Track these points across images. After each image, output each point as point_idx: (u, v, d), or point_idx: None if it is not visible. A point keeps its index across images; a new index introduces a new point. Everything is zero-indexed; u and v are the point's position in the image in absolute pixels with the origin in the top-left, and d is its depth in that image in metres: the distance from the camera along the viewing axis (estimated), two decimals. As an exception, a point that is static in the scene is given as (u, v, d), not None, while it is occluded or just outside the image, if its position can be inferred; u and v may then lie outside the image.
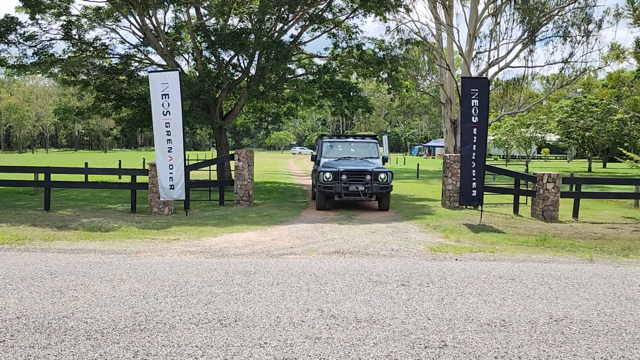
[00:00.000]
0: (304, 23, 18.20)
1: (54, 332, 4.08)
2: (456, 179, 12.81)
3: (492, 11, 23.84)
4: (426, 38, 25.47)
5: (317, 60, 20.47)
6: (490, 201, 14.17)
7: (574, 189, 12.72)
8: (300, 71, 20.57)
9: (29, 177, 14.33)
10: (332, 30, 18.90)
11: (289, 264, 6.64)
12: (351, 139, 14.27)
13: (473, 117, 10.72)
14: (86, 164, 21.20)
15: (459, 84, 24.20)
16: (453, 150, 22.91)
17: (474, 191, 10.93)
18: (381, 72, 18.48)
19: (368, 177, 12.01)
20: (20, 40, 16.87)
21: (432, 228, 10.04)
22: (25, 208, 12.13)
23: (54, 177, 13.02)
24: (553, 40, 27.23)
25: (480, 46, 36.83)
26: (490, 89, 11.97)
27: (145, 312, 4.60)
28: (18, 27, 16.59)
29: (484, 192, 11.53)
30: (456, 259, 7.17)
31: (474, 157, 10.83)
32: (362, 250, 7.72)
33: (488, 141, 34.07)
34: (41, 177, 12.74)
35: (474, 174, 10.86)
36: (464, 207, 12.72)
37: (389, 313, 4.70)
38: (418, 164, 30.22)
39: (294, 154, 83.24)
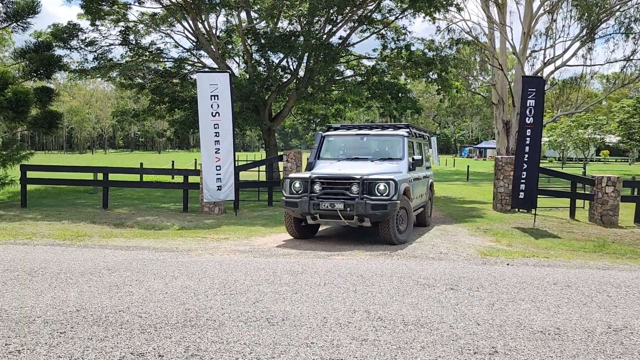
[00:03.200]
0: (352, 24, 18.20)
1: (111, 325, 4.26)
2: (508, 181, 12.44)
3: (548, 8, 23.02)
4: (478, 37, 24.91)
5: (365, 62, 20.42)
6: (545, 205, 13.69)
7: (635, 193, 12.10)
8: (348, 72, 20.59)
9: (89, 176, 14.98)
10: (381, 31, 18.80)
11: (336, 265, 6.65)
12: (365, 131, 9.70)
13: (528, 118, 10.40)
14: (141, 164, 21.98)
15: (512, 84, 23.57)
16: (505, 152, 22.28)
17: (527, 194, 10.59)
18: (430, 73, 18.23)
19: (355, 188, 7.82)
20: (82, 46, 17.70)
21: (482, 231, 9.80)
22: (85, 206, 12.70)
23: (112, 176, 13.57)
24: (614, 37, 26.09)
25: (535, 44, 35.58)
26: (545, 89, 11.33)
27: (196, 309, 4.72)
28: (80, 33, 17.42)
29: (538, 195, 11.14)
30: (507, 264, 6.97)
31: (527, 159, 10.50)
32: (410, 252, 7.63)
33: (543, 143, 32.95)
34: (100, 176, 13.30)
35: (527, 177, 10.52)
36: (517, 210, 12.35)
37: (437, 317, 4.63)
38: (468, 166, 29.57)
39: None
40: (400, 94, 18.67)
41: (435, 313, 4.73)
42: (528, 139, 10.46)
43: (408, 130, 9.55)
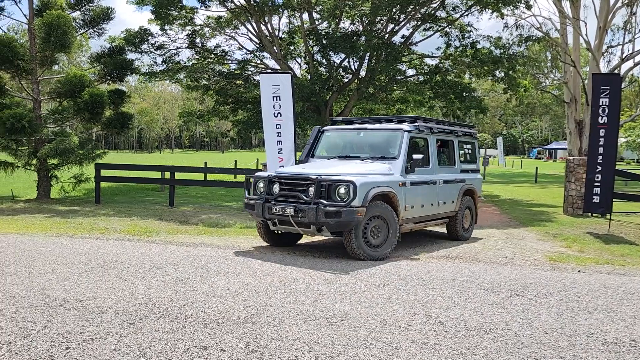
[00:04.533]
0: (415, 23, 17.94)
1: (176, 319, 4.40)
2: (580, 184, 11.82)
3: (627, 1, 21.69)
4: (549, 33, 23.86)
5: (428, 61, 20.07)
6: (621, 209, 12.90)
7: None
8: (410, 72, 20.32)
9: (157, 175, 15.61)
10: (445, 29, 18.40)
11: (396, 267, 6.57)
12: (362, 125, 8.53)
13: (600, 118, 9.83)
14: (205, 163, 22.67)
15: (586, 81, 22.37)
16: (577, 153, 21.20)
17: (602, 198, 10.01)
18: (497, 71, 17.65)
19: (311, 190, 6.77)
20: (152, 50, 18.50)
21: (551, 236, 9.37)
22: (153, 203, 13.25)
23: (178, 175, 14.08)
24: (701, 30, 24.12)
25: (612, 40, 33.65)
26: (624, 86, 10.65)
27: (257, 306, 4.80)
28: (150, 37, 18.22)
29: (614, 199, 10.49)
30: (579, 271, 6.62)
31: (601, 161, 9.92)
32: (473, 256, 7.41)
33: (619, 143, 30.95)
34: (167, 175, 13.83)
35: (601, 179, 9.95)
36: (590, 215, 11.70)
37: (502, 323, 4.46)
38: (537, 168, 28.38)
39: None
40: (464, 93, 18.20)
41: (499, 319, 4.56)
42: (602, 139, 9.88)
43: (415, 123, 7.96)
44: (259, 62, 20.06)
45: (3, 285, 5.24)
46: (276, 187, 7.14)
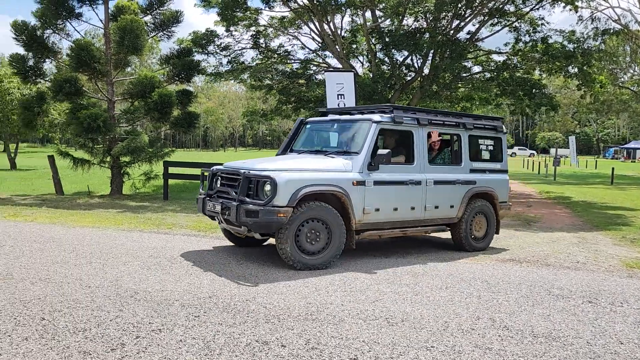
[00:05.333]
0: (482, 18, 17.41)
1: (239, 313, 4.50)
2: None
3: None
4: (627, 25, 22.47)
5: (495, 57, 19.40)
6: None
7: None
8: (476, 69, 19.73)
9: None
10: (514, 24, 17.73)
11: (459, 269, 6.40)
12: (337, 116, 7.68)
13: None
14: (269, 161, 23.02)
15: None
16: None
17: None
18: (570, 67, 16.80)
19: (241, 186, 6.25)
20: (217, 51, 19.03)
21: (629, 241, 8.81)
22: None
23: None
24: None
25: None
26: None
27: (317, 303, 4.82)
28: (216, 39, 18.75)
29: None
30: (659, 279, 6.18)
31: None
32: (542, 259, 7.09)
33: None
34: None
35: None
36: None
37: (572, 331, 4.24)
38: (613, 168, 26.80)
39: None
40: (534, 90, 17.46)
41: (569, 327, 4.34)
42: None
43: (390, 114, 6.90)
44: (321, 61, 20.17)
45: (80, 276, 5.57)
46: (218, 182, 6.78)
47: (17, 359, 3.50)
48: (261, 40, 19.53)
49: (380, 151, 6.53)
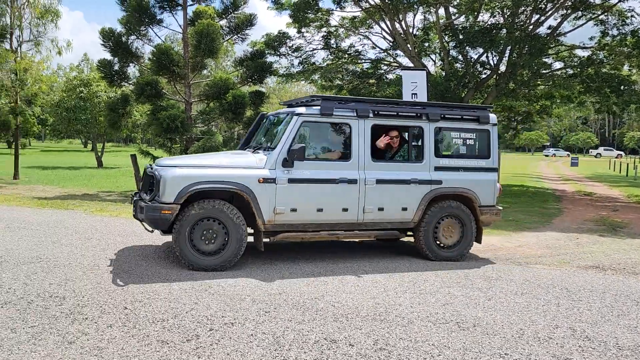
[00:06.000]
0: (564, 12, 16.53)
1: (308, 311, 4.55)
2: None
3: None
4: None
5: (578, 52, 18.37)
6: None
7: None
8: (557, 65, 18.77)
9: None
10: (600, 17, 16.69)
11: (536, 274, 6.11)
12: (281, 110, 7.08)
13: None
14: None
15: None
16: None
17: None
18: (663, 61, 15.59)
19: (145, 182, 6.42)
20: (289, 52, 19.36)
21: None
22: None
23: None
24: None
25: None
26: None
27: (385, 304, 4.78)
28: (287, 40, 19.07)
29: None
30: None
31: None
32: (629, 268, 6.63)
33: None
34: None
35: None
36: None
37: (664, 346, 3.92)
38: None
39: (546, 156, 75.92)
40: (622, 87, 16.35)
41: (660, 341, 4.02)
42: None
43: (318, 106, 6.31)
44: (391, 60, 19.98)
45: (158, 269, 5.85)
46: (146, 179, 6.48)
47: (102, 344, 3.73)
48: (332, 41, 19.65)
49: (295, 146, 5.97)
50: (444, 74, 17.78)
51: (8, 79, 18.51)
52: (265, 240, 6.22)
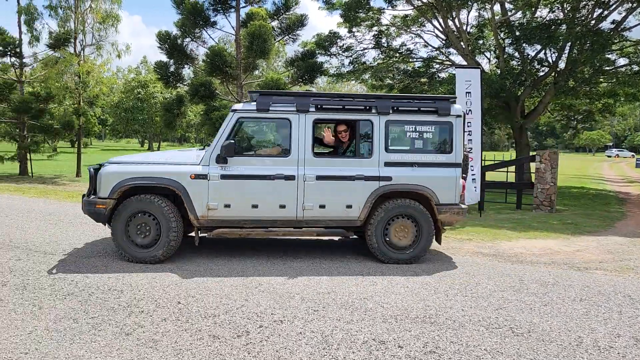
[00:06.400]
0: (629, 5, 15.71)
1: (356, 310, 4.53)
2: None
3: None
4: None
5: (646, 47, 17.39)
6: None
7: None
8: (622, 61, 17.86)
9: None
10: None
11: (596, 281, 5.83)
12: None
13: None
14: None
15: None
16: None
17: None
18: None
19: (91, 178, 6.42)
20: (340, 52, 19.36)
21: None
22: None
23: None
24: None
25: None
26: None
27: (436, 307, 4.69)
28: (338, 40, 19.08)
29: None
30: None
31: None
32: (699, 276, 6.22)
33: None
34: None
35: None
36: None
37: None
38: None
39: (609, 156, 72.36)
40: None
41: None
42: None
43: (255, 101, 6.26)
44: (444, 58, 19.62)
45: (209, 265, 5.99)
46: None
47: (157, 337, 3.85)
48: (383, 40, 19.50)
49: (225, 142, 6.02)
50: (499, 71, 17.28)
51: (72, 82, 19.46)
52: (204, 235, 6.35)
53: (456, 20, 17.00)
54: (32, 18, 19.14)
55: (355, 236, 6.73)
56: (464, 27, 17.58)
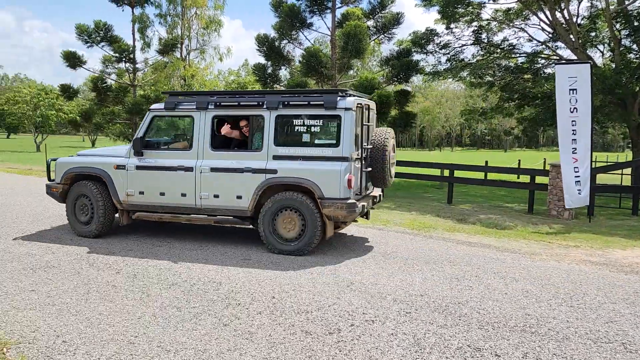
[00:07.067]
0: None
1: (450, 315, 4.39)
2: None
3: None
4: None
5: None
6: None
7: None
8: None
9: (436, 172, 15.90)
10: None
11: None
12: None
13: None
14: (486, 162, 22.05)
15: None
16: None
17: None
18: None
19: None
20: (436, 50, 18.87)
21: None
22: (432, 200, 13.56)
23: (457, 173, 14.05)
24: None
25: None
26: None
27: (537, 316, 4.42)
28: (435, 37, 18.61)
29: None
30: None
31: None
32: None
33: None
34: (446, 173, 13.95)
35: None
36: None
37: None
38: None
39: None
40: None
41: None
42: None
43: (162, 102, 7.25)
44: (550, 53, 18.45)
45: (303, 263, 6.10)
46: None
47: (252, 330, 3.99)
48: (483, 35, 18.73)
49: (134, 138, 7.07)
50: (613, 66, 15.94)
51: (178, 84, 20.75)
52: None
53: (565, 12, 15.90)
54: (144, 26, 20.69)
55: (251, 226, 6.91)
56: (574, 19, 16.40)
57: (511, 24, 18.17)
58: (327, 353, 3.61)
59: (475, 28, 18.52)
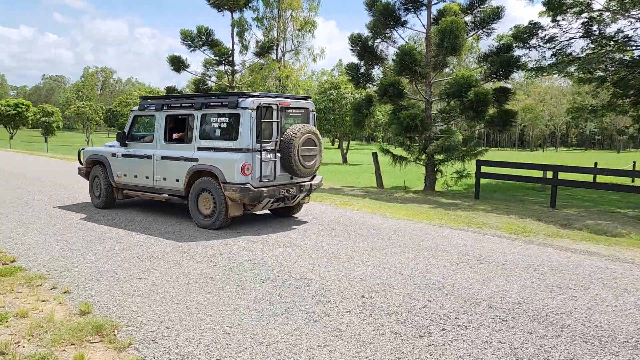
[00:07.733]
0: None
1: (551, 325, 4.12)
2: None
3: None
4: None
5: None
6: None
7: None
8: None
9: (538, 174, 15.04)
10: None
11: None
12: None
13: None
14: (595, 164, 20.47)
15: None
16: None
17: None
18: None
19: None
20: (540, 44, 17.80)
21: None
22: (532, 203, 12.82)
23: (561, 175, 13.18)
24: None
25: None
26: None
27: (653, 333, 4.02)
28: (539, 31, 17.56)
29: None
30: None
31: None
32: None
33: None
34: (549, 174, 13.13)
35: None
36: None
37: None
38: None
39: None
40: None
41: None
42: None
43: (139, 104, 9.42)
44: (673, 44, 16.72)
45: (394, 263, 6.02)
46: None
47: (342, 327, 4.01)
48: (594, 27, 17.39)
49: (117, 132, 9.36)
50: None
51: (274, 85, 21.39)
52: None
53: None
54: (242, 30, 21.55)
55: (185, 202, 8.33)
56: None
57: (627, 14, 16.70)
58: (417, 356, 3.53)
59: (585, 20, 17.24)
